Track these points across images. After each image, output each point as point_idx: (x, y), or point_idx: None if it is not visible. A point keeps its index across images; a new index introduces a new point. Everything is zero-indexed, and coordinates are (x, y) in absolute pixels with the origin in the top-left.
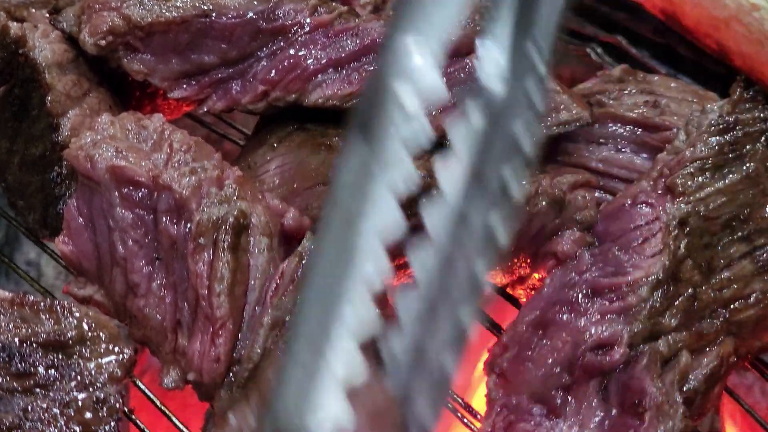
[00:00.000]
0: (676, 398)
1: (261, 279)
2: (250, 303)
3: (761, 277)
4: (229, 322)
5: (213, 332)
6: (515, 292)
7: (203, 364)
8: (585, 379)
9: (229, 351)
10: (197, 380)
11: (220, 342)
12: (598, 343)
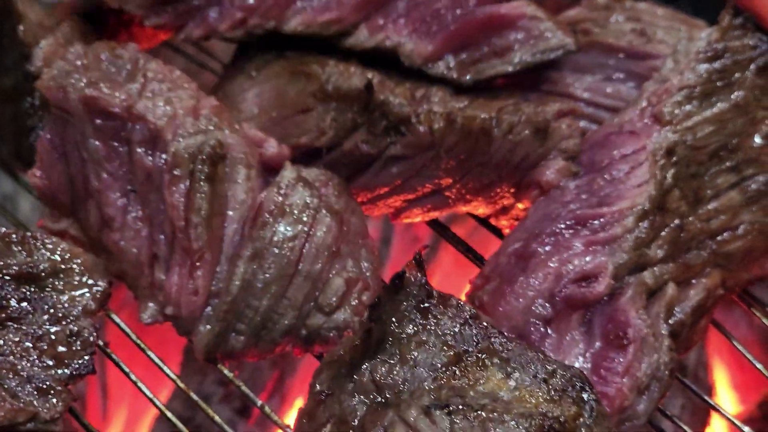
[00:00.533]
0: (661, 331)
1: (240, 210)
2: (228, 234)
3: (749, 208)
4: (207, 253)
5: (191, 265)
6: (499, 223)
7: (181, 298)
8: (567, 312)
9: (207, 284)
10: (175, 314)
11: (198, 275)
12: (581, 275)
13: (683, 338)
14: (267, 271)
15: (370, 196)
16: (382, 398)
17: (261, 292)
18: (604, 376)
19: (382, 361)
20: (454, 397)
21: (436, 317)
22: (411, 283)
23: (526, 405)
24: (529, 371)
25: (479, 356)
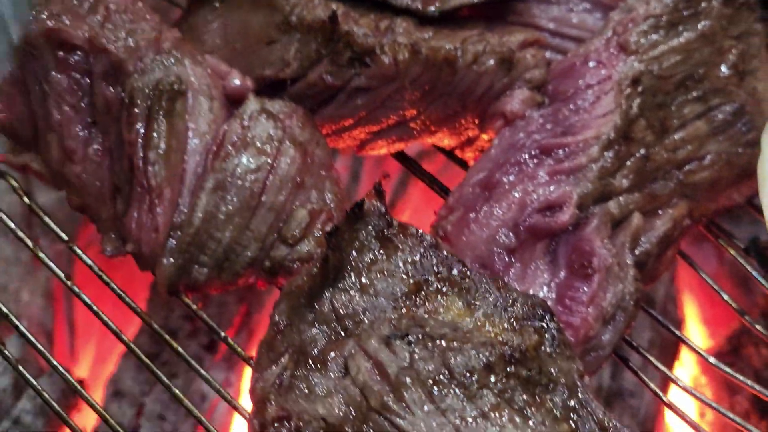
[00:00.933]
0: (627, 260)
1: (202, 142)
2: (190, 167)
3: (716, 138)
4: (166, 190)
5: (150, 202)
6: (464, 154)
7: (141, 235)
8: (531, 242)
9: (167, 220)
10: (135, 251)
11: (158, 211)
12: (546, 205)
13: (649, 269)
14: (230, 203)
15: (335, 128)
16: (342, 328)
17: (224, 224)
18: (569, 306)
19: (342, 290)
20: (414, 327)
21: (396, 246)
22: (370, 212)
23: (487, 334)
24: (489, 300)
25: (439, 286)
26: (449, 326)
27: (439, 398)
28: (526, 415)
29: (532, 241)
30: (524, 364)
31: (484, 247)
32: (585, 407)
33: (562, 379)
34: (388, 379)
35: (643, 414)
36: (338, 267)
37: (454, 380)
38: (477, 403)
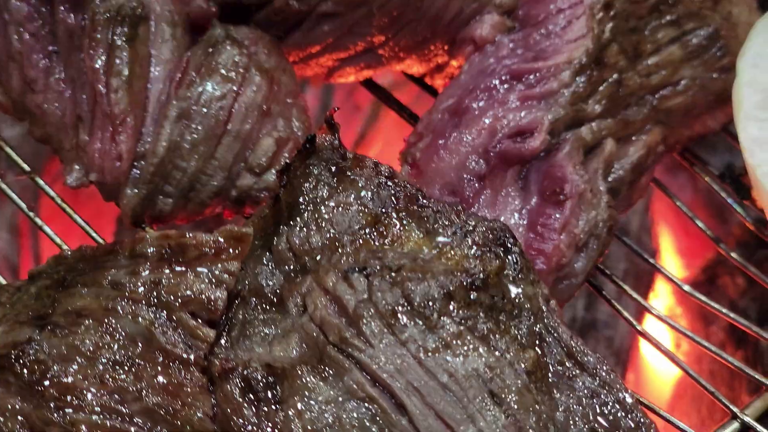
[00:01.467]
0: (600, 187)
1: (165, 69)
2: (153, 95)
3: (690, 63)
4: (129, 117)
5: (113, 130)
6: (434, 82)
7: (105, 164)
8: (502, 168)
9: (131, 148)
10: (99, 180)
11: (121, 139)
12: (516, 130)
13: (623, 196)
14: (195, 132)
15: (302, 56)
16: (299, 266)
17: (189, 153)
18: (541, 233)
19: (297, 227)
20: (372, 260)
21: (352, 179)
22: (323, 146)
23: (447, 263)
24: (449, 229)
25: (397, 216)
26: (408, 257)
27: (399, 330)
28: (489, 342)
29: (503, 168)
30: (486, 291)
31: (453, 173)
32: (551, 332)
33: (526, 304)
34: (347, 313)
35: (618, 345)
36: (292, 204)
37: (414, 311)
38: (438, 333)
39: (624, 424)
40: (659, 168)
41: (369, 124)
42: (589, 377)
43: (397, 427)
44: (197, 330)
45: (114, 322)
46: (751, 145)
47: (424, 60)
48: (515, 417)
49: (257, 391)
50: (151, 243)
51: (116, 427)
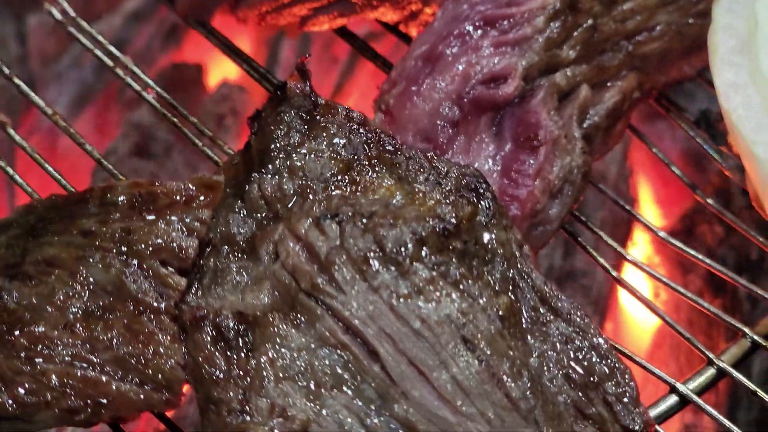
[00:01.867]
0: (574, 133)
1: None
2: None
3: (666, 9)
4: None
5: None
6: (408, 29)
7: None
8: (476, 114)
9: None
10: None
11: None
12: (490, 76)
13: (598, 142)
14: None
15: (274, 5)
16: (272, 213)
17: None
18: (515, 179)
19: (269, 175)
20: (344, 207)
21: (323, 126)
22: (294, 93)
23: (420, 209)
24: (421, 175)
25: (369, 164)
26: (380, 203)
27: (370, 276)
28: (462, 288)
29: (477, 114)
30: (459, 237)
31: (426, 120)
32: (524, 278)
33: (499, 249)
34: (318, 259)
35: (596, 294)
36: (263, 151)
37: (386, 257)
38: (410, 279)
39: (599, 369)
40: (637, 116)
41: (346, 75)
42: (563, 322)
43: (369, 374)
44: (168, 278)
45: (84, 272)
46: (727, 90)
47: (398, 8)
48: (488, 363)
49: (228, 339)
50: (121, 191)
51: (87, 376)
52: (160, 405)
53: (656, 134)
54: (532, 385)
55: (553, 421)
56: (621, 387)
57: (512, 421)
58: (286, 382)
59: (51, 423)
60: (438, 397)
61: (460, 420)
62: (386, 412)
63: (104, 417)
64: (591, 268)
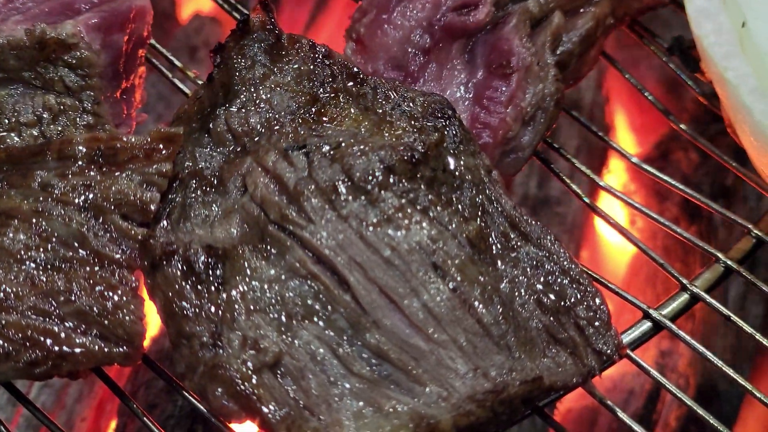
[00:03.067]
0: (547, 60)
1: None
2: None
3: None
4: None
5: None
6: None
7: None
8: (448, 41)
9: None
10: None
11: None
12: (461, 3)
13: (572, 69)
14: None
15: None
16: (239, 147)
17: None
18: (487, 106)
19: (236, 108)
20: (311, 138)
21: (287, 59)
22: (257, 26)
23: (387, 138)
24: (387, 104)
25: (335, 95)
26: (348, 134)
27: (339, 205)
28: (431, 215)
29: (448, 41)
30: (426, 164)
31: (397, 48)
32: (493, 203)
33: (467, 176)
34: (287, 190)
35: (571, 222)
36: (227, 85)
37: (355, 186)
38: (379, 207)
39: (570, 293)
40: (611, 44)
41: (320, 7)
42: (533, 247)
43: (340, 304)
44: (129, 231)
45: (45, 224)
46: (698, 16)
47: None
48: (459, 289)
49: (199, 273)
50: (80, 145)
51: (47, 329)
52: (120, 359)
53: (631, 61)
54: (503, 311)
55: (525, 346)
56: (592, 310)
57: (484, 347)
58: (257, 315)
59: (11, 375)
60: (409, 324)
61: (432, 347)
62: (358, 342)
63: (63, 370)
64: (566, 197)
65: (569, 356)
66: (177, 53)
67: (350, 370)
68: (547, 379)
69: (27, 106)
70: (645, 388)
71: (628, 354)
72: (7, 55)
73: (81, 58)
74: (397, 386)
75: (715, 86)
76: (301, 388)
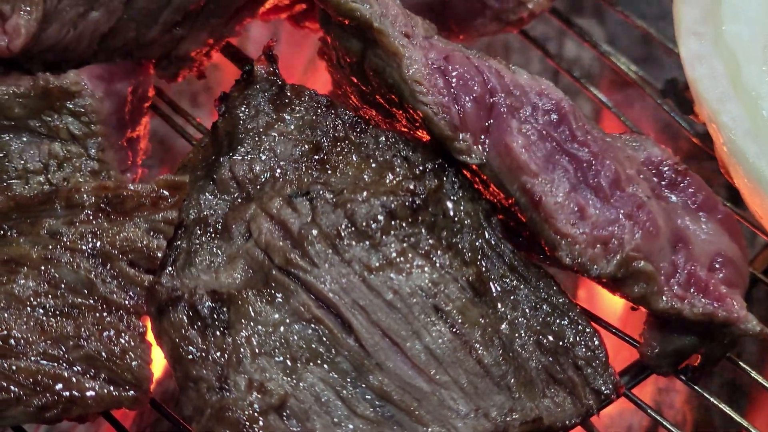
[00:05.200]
0: None
1: None
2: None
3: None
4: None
5: None
6: None
7: None
8: None
9: None
10: None
11: None
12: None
13: None
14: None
15: None
16: (243, 194)
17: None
18: None
19: (240, 157)
20: (314, 185)
21: (291, 108)
22: (261, 76)
23: (388, 184)
24: (388, 152)
25: (337, 143)
26: (350, 181)
27: (342, 249)
28: (432, 259)
29: None
30: (427, 209)
31: None
32: (493, 247)
33: (467, 220)
34: (292, 235)
35: None
36: (231, 133)
37: (358, 230)
38: (382, 251)
39: (568, 334)
40: (606, 85)
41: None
42: (532, 289)
43: (344, 347)
44: (136, 278)
45: (53, 271)
46: (692, 60)
47: None
48: (460, 331)
49: (204, 318)
50: (88, 193)
51: (57, 374)
52: (128, 403)
53: (626, 102)
54: (503, 352)
55: (525, 386)
56: (590, 351)
57: (485, 388)
58: (262, 358)
59: (21, 419)
60: (412, 366)
61: (434, 388)
62: (362, 384)
63: (73, 414)
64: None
65: (568, 396)
66: (178, 98)
67: (354, 411)
68: (546, 419)
69: (33, 153)
70: (642, 424)
71: (626, 393)
72: (13, 103)
73: (85, 106)
74: (400, 427)
75: (708, 128)
76: (307, 429)
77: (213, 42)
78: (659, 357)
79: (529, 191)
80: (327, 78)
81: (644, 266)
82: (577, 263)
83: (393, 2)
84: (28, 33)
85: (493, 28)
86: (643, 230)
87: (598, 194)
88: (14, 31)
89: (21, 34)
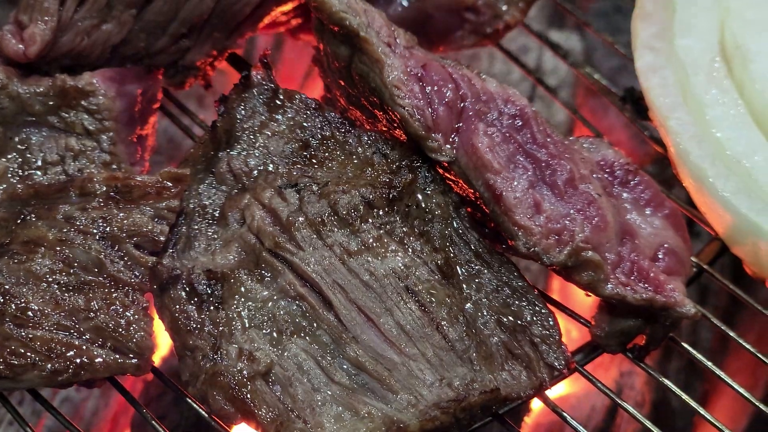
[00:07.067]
0: None
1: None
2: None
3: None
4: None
5: None
6: None
7: None
8: None
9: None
10: None
11: None
12: None
13: None
14: None
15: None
16: (239, 185)
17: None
18: None
19: (237, 152)
20: (302, 178)
21: (283, 110)
22: (257, 81)
23: (368, 179)
24: (369, 150)
25: (324, 142)
26: (334, 175)
27: (325, 235)
28: (405, 245)
29: None
30: (401, 200)
31: None
32: (461, 236)
33: (437, 211)
34: (281, 222)
35: None
36: (229, 131)
37: (339, 219)
38: (360, 237)
39: (526, 314)
40: (582, 92)
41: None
42: (495, 274)
43: (324, 321)
44: (141, 259)
45: (68, 251)
46: (646, 71)
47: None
48: (428, 309)
49: (201, 294)
50: (100, 183)
51: (69, 342)
52: (132, 370)
53: (601, 107)
54: (467, 329)
55: (485, 360)
56: (546, 330)
57: (449, 360)
58: (252, 330)
59: (37, 383)
60: (384, 340)
61: (403, 360)
62: (339, 354)
63: (82, 379)
64: None
65: (524, 369)
66: (186, 99)
67: (332, 378)
68: (503, 390)
69: (52, 146)
70: (605, 404)
71: (578, 368)
72: (34, 101)
73: (98, 104)
74: (373, 393)
75: (660, 132)
76: (289, 394)
77: (217, 53)
78: (608, 337)
79: (491, 187)
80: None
81: (592, 256)
82: (532, 252)
83: (379, 14)
84: (42, 41)
85: (471, 41)
86: (592, 224)
87: (553, 191)
88: (30, 39)
89: (36, 42)
